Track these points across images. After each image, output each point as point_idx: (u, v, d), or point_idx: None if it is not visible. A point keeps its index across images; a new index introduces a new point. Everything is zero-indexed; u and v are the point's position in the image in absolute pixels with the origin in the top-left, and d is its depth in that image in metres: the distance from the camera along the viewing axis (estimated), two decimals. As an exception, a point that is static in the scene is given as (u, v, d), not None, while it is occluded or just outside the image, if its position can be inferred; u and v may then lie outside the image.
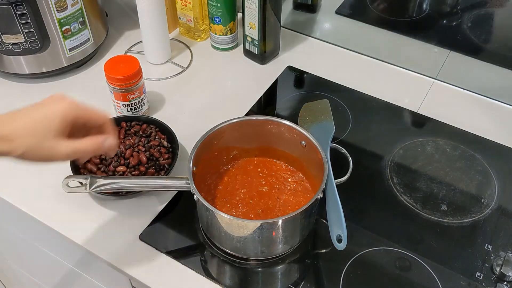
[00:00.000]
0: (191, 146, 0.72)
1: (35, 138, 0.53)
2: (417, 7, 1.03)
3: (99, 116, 0.60)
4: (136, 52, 1.08)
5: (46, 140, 0.53)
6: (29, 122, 0.54)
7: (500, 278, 0.69)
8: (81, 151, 0.57)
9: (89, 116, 0.59)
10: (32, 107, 0.55)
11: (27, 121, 0.54)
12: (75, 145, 0.56)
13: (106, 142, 0.59)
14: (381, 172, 0.84)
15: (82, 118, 0.57)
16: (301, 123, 0.85)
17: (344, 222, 0.66)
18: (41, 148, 0.53)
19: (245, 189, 0.77)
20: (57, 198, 0.78)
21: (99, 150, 0.59)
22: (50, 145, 0.54)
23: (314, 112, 0.87)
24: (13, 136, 0.52)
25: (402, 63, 1.04)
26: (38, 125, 0.54)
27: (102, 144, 0.58)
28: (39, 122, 0.54)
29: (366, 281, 0.70)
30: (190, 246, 0.75)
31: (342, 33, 1.12)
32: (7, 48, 0.92)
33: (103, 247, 0.73)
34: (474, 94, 0.99)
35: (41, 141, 0.53)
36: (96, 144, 0.57)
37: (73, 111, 0.56)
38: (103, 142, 0.58)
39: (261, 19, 0.97)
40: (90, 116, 0.59)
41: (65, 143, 0.55)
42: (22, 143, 0.52)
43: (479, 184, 0.82)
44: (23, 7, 0.87)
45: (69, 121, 0.55)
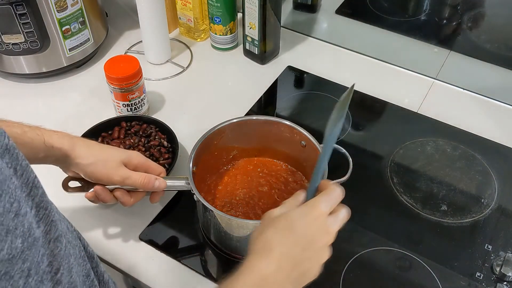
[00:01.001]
0: (191, 146, 0.72)
1: (104, 155, 0.66)
2: (417, 7, 1.04)
3: (157, 169, 0.70)
4: (136, 52, 1.08)
5: (111, 161, 0.65)
6: (103, 149, 0.67)
7: (500, 278, 0.69)
8: (131, 180, 0.66)
9: (148, 166, 0.69)
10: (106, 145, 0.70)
11: (105, 147, 0.68)
12: (130, 174, 0.66)
13: (156, 183, 0.67)
14: (381, 172, 0.84)
15: (142, 165, 0.69)
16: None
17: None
18: (106, 162, 0.65)
19: (245, 189, 0.77)
20: (57, 198, 0.77)
21: (148, 187, 0.67)
22: (113, 165, 0.65)
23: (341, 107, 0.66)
24: (90, 147, 0.66)
25: (402, 63, 1.04)
26: (112, 149, 0.68)
27: (153, 183, 0.67)
28: (113, 148, 0.69)
29: (366, 281, 0.70)
30: (190, 246, 0.75)
31: (342, 33, 1.12)
32: (7, 48, 0.92)
33: (103, 247, 0.73)
34: (474, 94, 0.99)
35: (107, 160, 0.65)
36: (147, 180, 0.67)
37: (136, 157, 0.68)
38: (154, 182, 0.67)
39: (261, 19, 0.97)
40: (148, 167, 0.69)
41: (123, 169, 0.66)
42: (95, 153, 0.65)
43: (479, 184, 0.82)
44: (23, 7, 0.87)
45: (133, 163, 0.67)
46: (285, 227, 0.51)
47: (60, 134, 0.64)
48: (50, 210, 0.41)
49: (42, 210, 0.40)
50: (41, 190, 0.41)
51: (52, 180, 0.77)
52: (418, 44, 1.01)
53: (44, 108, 0.98)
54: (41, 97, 0.99)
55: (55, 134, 0.63)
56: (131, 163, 0.67)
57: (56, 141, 0.62)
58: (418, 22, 1.02)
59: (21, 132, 0.60)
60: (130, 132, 0.84)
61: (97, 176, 0.66)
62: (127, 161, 0.67)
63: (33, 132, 0.61)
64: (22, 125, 0.61)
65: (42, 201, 0.40)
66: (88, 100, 0.98)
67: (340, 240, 0.74)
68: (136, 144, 0.81)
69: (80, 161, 0.64)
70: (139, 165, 0.68)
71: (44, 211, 0.40)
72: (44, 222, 0.39)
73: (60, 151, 0.63)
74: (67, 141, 0.64)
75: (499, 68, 0.95)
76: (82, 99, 0.99)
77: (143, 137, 0.82)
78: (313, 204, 0.53)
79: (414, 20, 1.02)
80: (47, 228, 0.39)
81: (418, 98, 0.98)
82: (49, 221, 0.40)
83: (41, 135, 0.61)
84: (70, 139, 0.64)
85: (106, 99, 0.91)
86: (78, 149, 0.64)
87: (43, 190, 0.40)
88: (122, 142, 0.81)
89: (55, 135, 0.63)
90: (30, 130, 0.61)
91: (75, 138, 0.66)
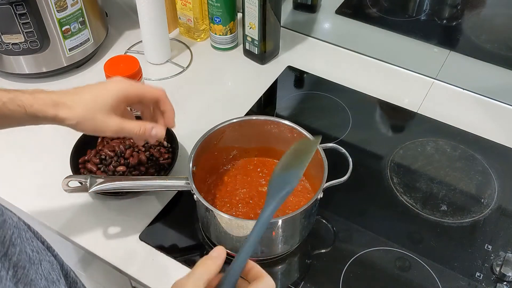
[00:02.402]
0: (191, 146, 0.72)
1: (91, 110, 0.59)
2: (417, 7, 1.03)
3: (153, 91, 0.63)
4: (136, 52, 1.08)
5: (100, 113, 0.59)
6: (89, 96, 0.60)
7: (500, 278, 0.69)
8: (126, 130, 0.61)
9: (143, 92, 0.63)
10: (94, 85, 0.61)
11: (87, 95, 0.60)
12: (123, 124, 0.61)
13: (153, 130, 0.62)
14: (381, 172, 0.84)
15: (136, 94, 0.62)
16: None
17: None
18: (94, 119, 0.59)
19: (245, 189, 0.77)
20: (57, 198, 0.78)
21: (145, 135, 0.62)
22: (102, 118, 0.59)
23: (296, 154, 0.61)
24: (73, 105, 0.59)
25: (402, 63, 1.04)
26: (96, 99, 0.60)
27: (149, 130, 0.62)
28: (97, 97, 0.60)
29: (366, 281, 0.70)
30: (190, 246, 0.75)
31: (342, 33, 1.12)
32: (7, 48, 0.92)
33: (103, 247, 0.73)
34: (474, 94, 0.99)
35: (95, 113, 0.59)
36: (143, 129, 0.61)
37: (128, 88, 0.61)
38: (150, 130, 0.62)
39: (261, 19, 0.97)
40: (144, 91, 0.63)
41: (116, 120, 0.60)
42: (79, 112, 0.59)
43: (479, 184, 0.82)
44: (23, 7, 0.87)
45: (122, 99, 0.61)
46: None
47: (41, 100, 0.59)
48: (28, 268, 0.38)
49: (20, 270, 0.37)
50: (19, 248, 0.38)
51: (52, 180, 0.77)
52: (418, 44, 1.01)
53: (44, 108, 0.97)
54: (41, 97, 0.99)
55: (36, 102, 0.58)
56: (121, 100, 0.61)
57: (38, 110, 0.58)
58: (418, 22, 1.02)
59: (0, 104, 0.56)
60: (130, 132, 0.83)
61: (90, 132, 0.62)
62: (116, 105, 0.61)
63: (13, 103, 0.57)
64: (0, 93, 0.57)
65: (20, 259, 0.38)
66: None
67: (340, 240, 0.75)
68: (136, 144, 0.81)
69: (68, 123, 0.60)
70: (129, 96, 0.62)
71: (22, 271, 0.37)
72: (23, 283, 0.37)
73: (45, 119, 0.59)
74: (50, 106, 0.59)
75: (499, 68, 0.95)
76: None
77: (143, 137, 0.82)
78: None
79: (414, 20, 1.02)
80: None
81: (418, 98, 0.98)
82: (28, 281, 0.37)
83: (22, 106, 0.57)
84: (52, 104, 0.59)
85: (106, 99, 0.91)
86: (62, 112, 0.59)
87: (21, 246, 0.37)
88: (122, 142, 0.81)
89: (36, 103, 0.58)
90: (9, 101, 0.57)
91: (58, 98, 0.59)
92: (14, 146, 0.87)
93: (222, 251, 0.49)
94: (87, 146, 0.81)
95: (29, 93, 0.59)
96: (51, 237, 0.87)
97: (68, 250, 0.91)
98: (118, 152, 0.79)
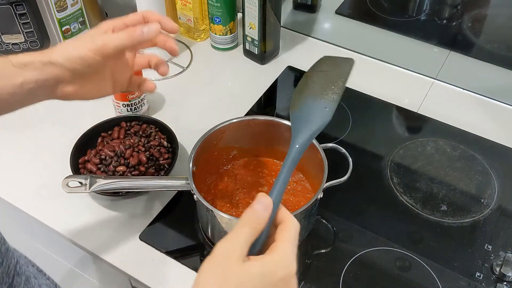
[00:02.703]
0: (191, 146, 0.72)
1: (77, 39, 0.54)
2: (417, 7, 1.03)
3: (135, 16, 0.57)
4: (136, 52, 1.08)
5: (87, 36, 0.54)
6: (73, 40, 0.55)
7: (500, 278, 0.69)
8: (114, 42, 0.53)
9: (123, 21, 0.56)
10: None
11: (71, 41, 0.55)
12: (106, 37, 0.53)
13: (144, 29, 0.53)
14: (381, 172, 0.84)
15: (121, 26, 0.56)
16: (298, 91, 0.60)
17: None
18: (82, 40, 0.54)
19: (245, 189, 0.76)
20: (57, 198, 0.78)
21: (136, 36, 0.53)
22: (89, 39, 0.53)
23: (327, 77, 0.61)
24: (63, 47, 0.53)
25: (402, 63, 1.04)
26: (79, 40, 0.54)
27: (139, 33, 0.53)
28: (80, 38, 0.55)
29: (366, 281, 0.70)
30: (190, 246, 0.75)
31: (342, 33, 1.12)
32: (7, 48, 0.92)
33: (103, 247, 0.73)
34: (474, 94, 0.99)
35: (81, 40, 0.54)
36: (132, 33, 0.53)
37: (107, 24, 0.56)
38: (140, 31, 0.53)
39: (261, 19, 0.97)
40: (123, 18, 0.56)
41: (98, 37, 0.53)
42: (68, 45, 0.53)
43: (479, 184, 0.82)
44: (23, 7, 0.87)
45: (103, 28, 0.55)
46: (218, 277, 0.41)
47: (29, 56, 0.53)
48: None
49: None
50: (24, 277, 0.36)
51: (52, 180, 0.77)
52: (418, 44, 1.01)
53: (43, 108, 0.97)
54: (41, 97, 0.99)
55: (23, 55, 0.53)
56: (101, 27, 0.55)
57: (25, 59, 0.53)
58: (418, 22, 1.02)
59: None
60: (130, 132, 0.84)
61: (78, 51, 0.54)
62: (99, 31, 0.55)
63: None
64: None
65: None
66: (88, 100, 0.98)
67: (340, 240, 0.75)
68: (136, 144, 0.81)
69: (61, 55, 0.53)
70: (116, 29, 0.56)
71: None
72: None
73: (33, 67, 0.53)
74: (38, 55, 0.53)
75: (499, 68, 0.95)
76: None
77: (143, 137, 0.82)
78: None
79: (414, 20, 1.02)
80: None
81: (418, 98, 0.98)
82: None
83: (7, 61, 0.53)
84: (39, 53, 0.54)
85: (106, 99, 0.91)
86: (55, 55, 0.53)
87: (26, 274, 0.36)
88: (122, 142, 0.81)
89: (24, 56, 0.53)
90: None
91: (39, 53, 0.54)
92: (14, 146, 0.87)
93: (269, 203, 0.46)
94: (87, 146, 0.81)
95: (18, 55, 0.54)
96: (50, 237, 0.87)
97: (68, 250, 0.91)
98: (118, 152, 0.79)
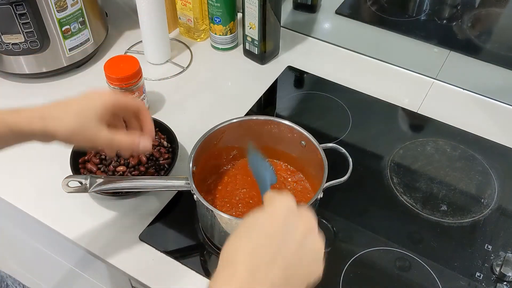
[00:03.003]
0: (191, 146, 0.72)
1: (81, 120, 0.58)
2: (417, 7, 1.03)
3: (135, 100, 0.65)
4: (136, 52, 1.08)
5: (90, 123, 0.59)
6: (77, 106, 0.59)
7: (500, 278, 0.69)
8: (116, 142, 0.61)
9: (125, 100, 0.63)
10: (77, 97, 0.61)
11: (75, 106, 0.59)
12: (113, 136, 0.60)
13: (141, 143, 0.63)
14: (381, 172, 0.84)
15: (120, 105, 0.62)
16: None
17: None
18: (85, 130, 0.59)
19: (245, 189, 0.76)
20: (57, 198, 0.78)
21: (133, 147, 0.62)
22: (93, 129, 0.59)
23: None
24: (62, 116, 0.58)
25: (402, 63, 1.04)
26: (84, 109, 0.59)
27: (137, 143, 0.62)
28: (85, 106, 0.59)
29: (366, 281, 0.70)
30: (190, 246, 0.75)
31: (342, 33, 1.12)
32: (7, 48, 0.92)
33: (103, 247, 0.73)
34: (474, 94, 0.99)
35: (85, 124, 0.59)
36: (131, 142, 0.62)
37: (113, 98, 0.61)
38: (138, 142, 0.62)
39: (261, 19, 0.97)
40: (126, 100, 0.64)
41: (106, 131, 0.60)
42: (70, 123, 0.58)
43: (479, 184, 0.82)
44: (23, 7, 0.87)
45: (109, 108, 0.61)
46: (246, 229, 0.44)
47: (27, 115, 0.57)
48: None
49: None
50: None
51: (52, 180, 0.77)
52: (418, 44, 1.01)
53: (44, 108, 0.97)
54: (41, 97, 0.98)
55: (21, 118, 0.57)
56: (107, 108, 0.61)
57: (25, 125, 0.57)
58: (418, 22, 1.02)
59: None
60: (130, 132, 0.84)
61: (81, 143, 0.61)
62: (105, 114, 0.60)
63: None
64: None
65: None
66: (88, 100, 0.98)
67: (340, 240, 0.75)
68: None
69: (60, 135, 0.58)
70: (114, 107, 0.62)
71: None
72: None
73: (33, 135, 0.58)
74: (37, 120, 0.57)
75: (499, 68, 0.95)
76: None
77: (143, 137, 0.82)
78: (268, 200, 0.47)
79: (414, 20, 1.02)
80: None
81: (418, 98, 0.98)
82: None
83: (6, 124, 0.56)
84: (39, 117, 0.57)
85: (106, 99, 0.91)
86: (51, 124, 0.57)
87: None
88: (122, 142, 0.81)
89: (22, 120, 0.57)
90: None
91: (44, 111, 0.58)
92: (14, 146, 0.87)
93: None
94: (87, 146, 0.81)
95: (13, 111, 0.58)
96: (50, 237, 0.87)
97: (68, 250, 0.91)
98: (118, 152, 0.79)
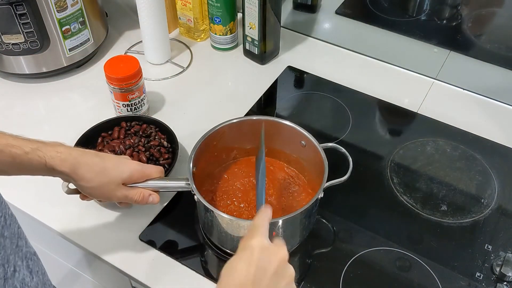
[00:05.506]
0: (191, 146, 0.72)
1: (105, 180, 0.65)
2: (417, 7, 1.03)
3: (157, 172, 0.71)
4: (136, 52, 1.08)
5: (112, 185, 0.66)
6: (110, 164, 0.66)
7: (500, 278, 0.69)
8: (129, 198, 0.68)
9: (150, 173, 0.69)
10: (110, 158, 0.68)
11: (109, 163, 0.66)
12: (127, 193, 0.67)
13: (150, 199, 0.69)
14: (381, 172, 0.84)
15: (143, 177, 0.69)
16: None
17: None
18: (105, 189, 0.65)
19: (245, 189, 0.76)
20: (57, 198, 0.78)
21: (142, 203, 0.69)
22: (113, 190, 0.66)
23: None
24: (92, 169, 0.64)
25: (402, 63, 1.04)
26: (112, 173, 0.66)
27: (147, 198, 0.69)
28: (112, 171, 0.66)
29: (366, 281, 0.70)
30: (190, 246, 0.75)
31: (342, 33, 1.12)
32: (7, 48, 0.92)
33: (103, 247, 0.73)
34: (474, 94, 0.99)
35: (107, 185, 0.65)
36: (143, 198, 0.68)
37: (139, 170, 0.68)
38: (148, 197, 0.69)
39: (261, 19, 0.97)
40: (151, 172, 0.70)
41: (122, 190, 0.67)
42: (96, 179, 0.64)
43: (479, 184, 0.82)
44: (23, 7, 0.87)
45: (134, 178, 0.68)
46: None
47: (63, 155, 0.62)
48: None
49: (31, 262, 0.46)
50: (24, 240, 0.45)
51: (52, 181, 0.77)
52: (418, 44, 1.01)
53: (44, 108, 0.98)
54: (41, 97, 0.99)
55: (57, 156, 0.62)
56: (131, 179, 0.68)
57: (58, 164, 0.62)
58: (418, 22, 1.02)
59: (21, 153, 0.59)
60: (130, 132, 0.84)
61: (96, 196, 0.68)
62: (127, 180, 0.67)
63: (34, 154, 0.60)
64: (23, 142, 0.60)
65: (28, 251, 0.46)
66: (88, 100, 0.98)
67: (340, 240, 0.75)
68: (136, 144, 0.81)
69: (81, 184, 0.64)
70: (139, 180, 0.69)
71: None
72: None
73: (61, 174, 0.63)
74: (69, 163, 0.63)
75: (499, 68, 0.94)
76: (82, 99, 0.99)
77: (143, 137, 0.82)
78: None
79: (414, 20, 1.02)
80: None
81: (418, 98, 0.98)
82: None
83: (42, 157, 0.61)
84: (72, 161, 0.63)
85: (106, 99, 0.91)
86: (80, 172, 0.63)
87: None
88: (122, 142, 0.81)
89: (58, 157, 0.62)
90: (32, 152, 0.60)
91: (78, 156, 0.64)
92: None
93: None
94: (87, 146, 0.81)
95: (50, 145, 0.62)
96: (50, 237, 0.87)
97: (68, 250, 0.91)
98: (118, 152, 0.79)
